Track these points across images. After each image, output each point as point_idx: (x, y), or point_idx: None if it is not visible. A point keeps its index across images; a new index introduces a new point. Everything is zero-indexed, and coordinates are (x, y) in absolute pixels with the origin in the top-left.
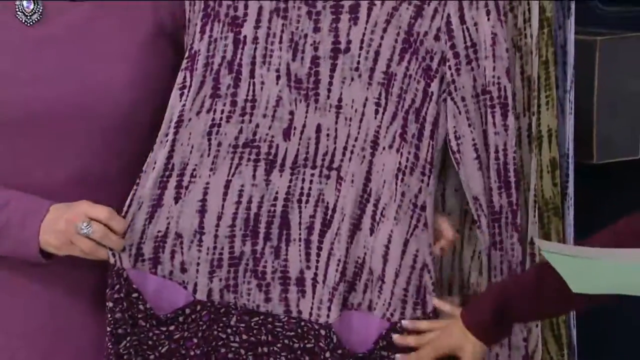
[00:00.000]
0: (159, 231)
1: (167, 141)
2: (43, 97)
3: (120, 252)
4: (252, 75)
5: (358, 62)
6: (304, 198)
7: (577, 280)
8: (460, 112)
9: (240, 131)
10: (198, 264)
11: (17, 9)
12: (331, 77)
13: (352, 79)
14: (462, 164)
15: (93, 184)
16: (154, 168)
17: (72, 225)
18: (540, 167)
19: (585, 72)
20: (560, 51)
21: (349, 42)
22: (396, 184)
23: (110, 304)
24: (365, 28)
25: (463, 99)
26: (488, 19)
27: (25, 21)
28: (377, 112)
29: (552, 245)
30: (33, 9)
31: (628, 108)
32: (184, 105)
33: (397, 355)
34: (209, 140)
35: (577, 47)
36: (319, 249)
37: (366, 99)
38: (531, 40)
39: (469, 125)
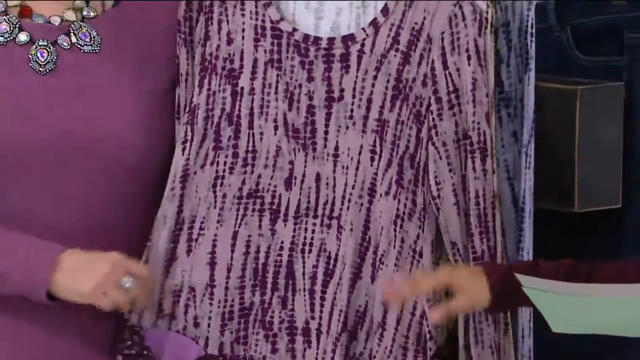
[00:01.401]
0: (175, 285)
1: (174, 195)
2: (50, 137)
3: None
4: (251, 126)
5: (352, 110)
6: (307, 248)
7: (558, 319)
8: (441, 157)
9: (244, 182)
10: (210, 318)
11: (31, 58)
12: (327, 125)
13: (347, 127)
14: (441, 209)
15: (97, 228)
16: (164, 223)
17: (112, 279)
18: None
19: (567, 121)
20: (519, 105)
21: (342, 90)
22: (395, 230)
23: (119, 358)
24: (357, 76)
25: (444, 143)
26: (469, 64)
27: (38, 70)
28: (372, 159)
29: (533, 281)
30: (47, 58)
31: (609, 157)
32: (187, 159)
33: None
34: (215, 192)
35: (558, 96)
36: (322, 299)
37: (361, 147)
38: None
39: (450, 171)
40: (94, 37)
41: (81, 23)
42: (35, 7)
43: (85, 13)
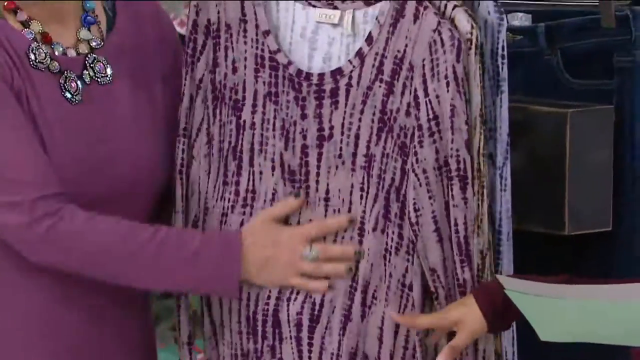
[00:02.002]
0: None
1: (199, 227)
2: (85, 175)
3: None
4: (251, 163)
5: (340, 149)
6: (292, 296)
7: (546, 325)
8: (420, 184)
9: (242, 223)
10: (223, 358)
11: (63, 87)
12: (318, 167)
13: (337, 167)
14: (420, 235)
15: None
16: None
17: (295, 258)
18: None
19: (557, 143)
20: (492, 127)
21: (331, 127)
22: (385, 265)
23: None
24: (345, 111)
25: (424, 170)
26: (448, 91)
27: (71, 99)
28: (362, 197)
29: (516, 283)
30: (77, 88)
31: (599, 179)
32: (206, 192)
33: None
34: (220, 229)
35: (548, 119)
36: (310, 345)
37: (352, 186)
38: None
39: (430, 198)
40: (106, 67)
41: (94, 55)
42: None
43: (94, 44)
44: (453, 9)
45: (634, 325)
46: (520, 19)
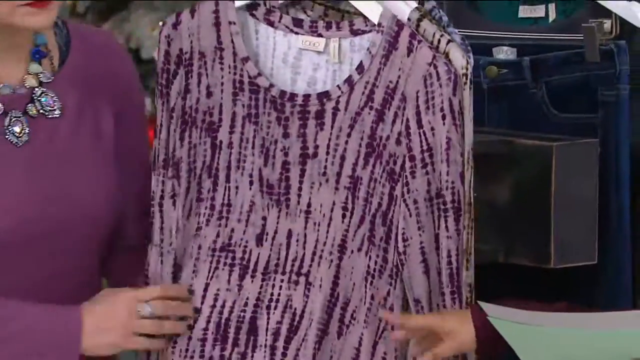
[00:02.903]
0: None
1: (169, 252)
2: (34, 214)
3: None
4: (227, 179)
5: (325, 167)
6: (272, 304)
7: (528, 351)
8: (410, 215)
9: (218, 235)
10: None
11: (7, 131)
12: (300, 182)
13: (320, 184)
14: (406, 265)
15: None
16: (160, 276)
17: (130, 314)
18: None
19: (542, 177)
20: None
21: (316, 147)
22: (366, 286)
23: None
24: (331, 133)
25: (415, 201)
26: (444, 124)
27: (15, 142)
28: (344, 216)
29: (498, 310)
30: (21, 130)
31: (584, 212)
32: (177, 212)
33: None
34: (194, 243)
35: (534, 152)
36: (284, 355)
37: (334, 203)
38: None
39: (419, 229)
40: (55, 101)
41: (41, 89)
42: None
43: (42, 78)
44: (447, 43)
45: (617, 354)
46: (505, 53)
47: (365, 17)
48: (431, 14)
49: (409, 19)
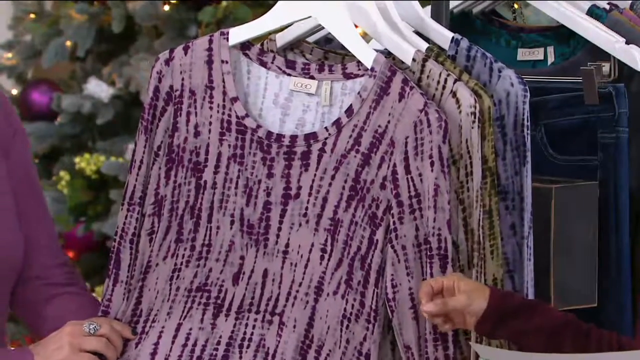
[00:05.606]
0: None
1: (135, 288)
2: None
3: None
4: (209, 219)
5: (306, 209)
6: (245, 343)
7: None
8: (399, 261)
9: (195, 275)
10: None
11: None
12: (280, 222)
13: (300, 225)
14: (396, 312)
15: None
16: (123, 312)
17: (74, 333)
18: None
19: (542, 219)
20: (517, 197)
21: (299, 187)
22: (341, 330)
23: None
24: (315, 174)
25: (404, 247)
26: (432, 170)
27: None
28: (322, 257)
29: (491, 352)
30: None
31: (584, 255)
32: (151, 250)
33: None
34: (170, 285)
35: (533, 194)
36: None
37: (312, 245)
38: (473, 193)
39: (407, 275)
40: None
41: None
42: None
43: None
44: (454, 82)
45: None
46: None
47: (358, 61)
48: (468, 52)
49: (413, 60)
